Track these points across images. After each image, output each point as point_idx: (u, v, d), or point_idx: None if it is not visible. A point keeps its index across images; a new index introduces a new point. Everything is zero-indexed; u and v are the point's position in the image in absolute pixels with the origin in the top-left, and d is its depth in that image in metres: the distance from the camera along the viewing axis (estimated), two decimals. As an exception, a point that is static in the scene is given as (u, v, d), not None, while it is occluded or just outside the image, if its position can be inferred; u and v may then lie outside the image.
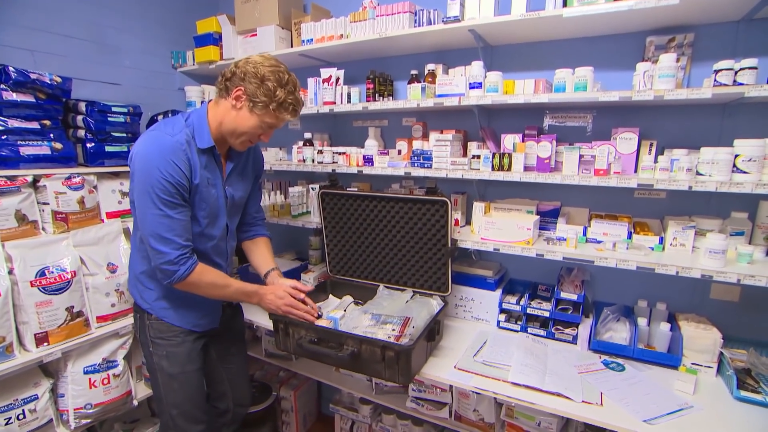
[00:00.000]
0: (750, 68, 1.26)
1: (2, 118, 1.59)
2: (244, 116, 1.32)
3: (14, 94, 1.60)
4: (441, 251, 1.72)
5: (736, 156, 1.28)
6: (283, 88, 1.31)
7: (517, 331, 1.79)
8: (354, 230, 1.92)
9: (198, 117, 1.37)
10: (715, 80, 1.32)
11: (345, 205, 1.89)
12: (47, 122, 1.72)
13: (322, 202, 1.93)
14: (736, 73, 1.29)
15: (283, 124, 1.40)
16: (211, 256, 1.49)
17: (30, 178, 1.63)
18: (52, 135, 1.73)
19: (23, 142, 1.63)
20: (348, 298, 1.92)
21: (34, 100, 1.66)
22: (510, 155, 1.61)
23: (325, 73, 2.04)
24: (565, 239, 1.59)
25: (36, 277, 1.58)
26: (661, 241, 1.52)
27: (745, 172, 1.27)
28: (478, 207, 1.81)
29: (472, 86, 1.67)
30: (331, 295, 1.97)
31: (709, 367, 1.47)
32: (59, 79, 1.71)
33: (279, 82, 1.30)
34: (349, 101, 2.03)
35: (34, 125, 1.67)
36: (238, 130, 1.35)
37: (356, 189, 1.97)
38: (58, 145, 1.74)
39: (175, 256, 1.29)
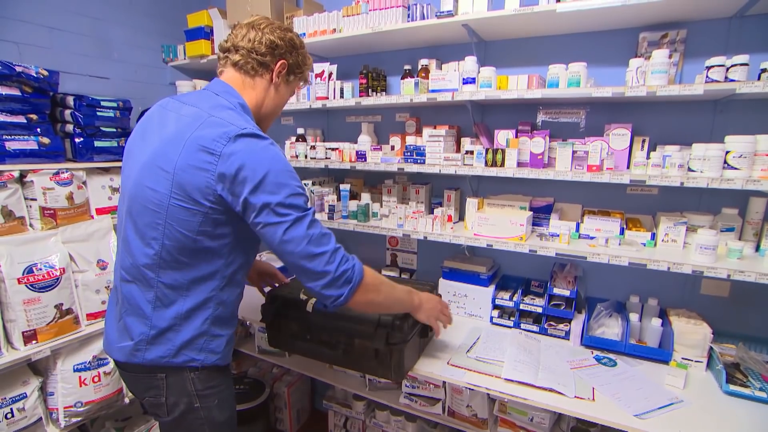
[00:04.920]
0: (741, 65, 1.27)
1: (-13, 112, 1.56)
2: (282, 92, 1.19)
3: (-1, 88, 1.57)
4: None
5: (727, 152, 1.29)
6: (305, 50, 1.21)
7: (510, 327, 1.80)
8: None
9: (243, 105, 1.10)
10: (707, 77, 1.32)
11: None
12: (34, 116, 1.69)
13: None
14: (727, 69, 1.29)
15: None
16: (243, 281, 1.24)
17: (16, 174, 1.60)
18: (39, 129, 1.70)
19: (9, 137, 1.60)
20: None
21: (20, 94, 1.63)
22: (503, 151, 1.60)
23: (317, 67, 2.03)
24: (558, 235, 1.59)
25: (23, 274, 1.55)
26: (653, 237, 1.53)
27: (735, 169, 1.28)
28: (471, 203, 1.81)
29: (465, 81, 1.66)
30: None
31: (699, 361, 1.48)
32: (46, 72, 1.68)
33: (303, 44, 1.20)
34: (342, 96, 2.01)
35: (21, 119, 1.64)
36: (278, 109, 1.22)
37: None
38: (46, 140, 1.70)
39: (341, 253, 1.04)
